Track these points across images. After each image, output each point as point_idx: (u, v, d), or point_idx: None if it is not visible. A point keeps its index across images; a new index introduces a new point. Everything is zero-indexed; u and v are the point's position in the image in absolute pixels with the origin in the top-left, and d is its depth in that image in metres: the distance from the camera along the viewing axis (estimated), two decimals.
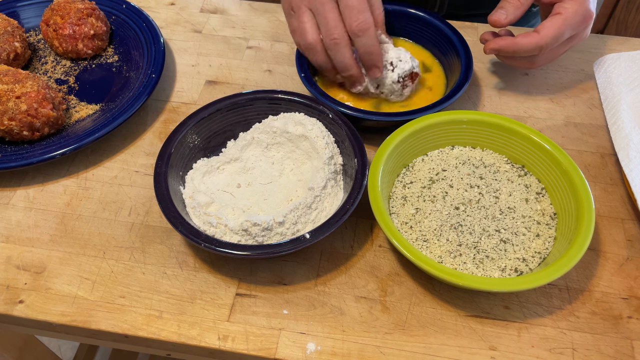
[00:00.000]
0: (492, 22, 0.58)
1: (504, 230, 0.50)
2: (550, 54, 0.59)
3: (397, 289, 0.49)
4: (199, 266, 0.51)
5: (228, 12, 0.76)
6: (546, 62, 0.60)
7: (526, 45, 0.56)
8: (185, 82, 0.67)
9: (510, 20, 0.58)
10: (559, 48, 0.58)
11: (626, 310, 0.48)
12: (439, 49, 0.64)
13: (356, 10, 0.53)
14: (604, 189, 0.56)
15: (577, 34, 0.58)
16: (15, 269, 0.51)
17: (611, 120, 0.59)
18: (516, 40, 0.57)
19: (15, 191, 0.57)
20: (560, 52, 0.59)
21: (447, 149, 0.56)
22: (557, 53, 0.59)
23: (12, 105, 0.55)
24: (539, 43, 0.56)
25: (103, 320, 0.47)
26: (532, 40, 0.56)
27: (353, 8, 0.53)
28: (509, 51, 0.58)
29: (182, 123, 0.55)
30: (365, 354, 0.46)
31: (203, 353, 0.47)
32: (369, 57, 0.56)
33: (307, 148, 0.54)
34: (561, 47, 0.58)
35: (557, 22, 0.55)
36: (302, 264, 0.51)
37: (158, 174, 0.51)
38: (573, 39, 0.58)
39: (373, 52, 0.55)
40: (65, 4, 0.65)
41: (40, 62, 0.68)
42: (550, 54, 0.59)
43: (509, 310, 0.48)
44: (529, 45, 0.56)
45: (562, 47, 0.59)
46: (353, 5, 0.53)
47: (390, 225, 0.46)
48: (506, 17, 0.58)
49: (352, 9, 0.53)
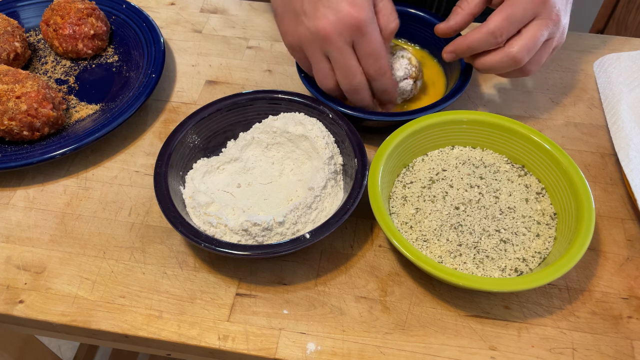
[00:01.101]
0: (435, 32, 0.58)
1: (504, 230, 0.50)
2: (535, 56, 0.54)
3: (397, 289, 0.49)
4: (199, 266, 0.51)
5: (228, 12, 0.76)
6: (537, 66, 0.55)
7: (477, 36, 0.53)
8: (185, 82, 0.67)
9: (451, 27, 0.56)
10: (531, 36, 0.52)
11: (626, 310, 0.48)
12: (439, 49, 0.64)
13: (374, 58, 0.52)
14: (604, 189, 0.56)
15: (539, 14, 0.52)
16: (15, 269, 0.51)
17: (611, 120, 0.59)
18: (466, 35, 0.54)
19: (15, 191, 0.57)
20: (539, 44, 0.53)
21: (447, 149, 0.56)
22: (541, 53, 0.55)
23: (12, 105, 0.55)
24: (489, 29, 0.52)
25: (103, 320, 0.47)
26: (481, 29, 0.53)
27: (371, 56, 0.51)
28: (463, 48, 0.55)
29: (182, 123, 0.55)
30: (365, 354, 0.46)
31: (203, 353, 0.47)
32: (385, 95, 0.56)
33: (307, 148, 0.54)
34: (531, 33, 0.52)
35: (503, 6, 0.52)
36: (302, 264, 0.51)
37: (158, 174, 0.51)
38: (540, 23, 0.52)
39: (389, 91, 0.55)
40: (65, 4, 0.65)
41: (40, 62, 0.68)
42: (535, 56, 0.54)
43: (509, 310, 0.48)
44: (479, 35, 0.53)
45: (532, 33, 0.52)
46: (371, 53, 0.51)
47: (390, 225, 0.46)
48: (446, 24, 0.56)
49: (370, 57, 0.51)
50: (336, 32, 0.49)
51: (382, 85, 0.54)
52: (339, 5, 0.49)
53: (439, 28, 0.57)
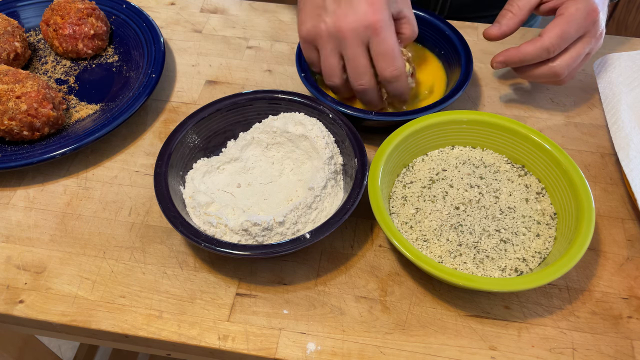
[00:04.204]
0: (485, 36, 0.58)
1: (504, 230, 0.50)
2: (573, 67, 0.57)
3: (397, 289, 0.49)
4: (199, 266, 0.51)
5: (228, 12, 0.76)
6: (572, 77, 0.59)
7: (531, 51, 0.55)
8: (185, 82, 0.67)
9: (504, 32, 0.57)
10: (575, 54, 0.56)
11: (626, 310, 0.48)
12: (439, 48, 0.64)
13: (390, 58, 0.51)
14: (604, 189, 0.56)
15: (587, 32, 0.55)
16: (15, 268, 0.51)
17: (611, 120, 0.59)
18: (520, 47, 0.56)
19: (15, 191, 0.57)
20: (580, 59, 0.57)
21: (447, 148, 0.56)
22: (579, 66, 0.57)
23: (12, 105, 0.55)
24: (544, 45, 0.54)
25: (103, 320, 0.47)
26: (536, 44, 0.55)
27: (387, 56, 0.51)
28: (515, 60, 0.56)
29: (182, 123, 0.55)
30: (365, 354, 0.46)
31: (203, 353, 0.47)
32: (399, 97, 0.56)
33: (307, 148, 0.54)
34: (576, 51, 0.56)
35: (559, 22, 0.54)
36: (302, 264, 0.51)
37: (158, 173, 0.51)
38: (586, 41, 0.56)
39: (403, 93, 0.55)
40: (65, 3, 0.65)
41: (40, 62, 0.68)
42: (573, 67, 0.57)
43: (509, 310, 0.48)
44: (534, 50, 0.55)
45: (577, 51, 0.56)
46: (387, 53, 0.51)
47: (391, 225, 0.46)
48: (499, 29, 0.57)
49: (386, 57, 0.51)
50: (353, 30, 0.50)
51: (397, 87, 0.54)
52: (359, 4, 0.50)
53: (490, 33, 0.58)
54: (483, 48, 0.70)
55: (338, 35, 0.51)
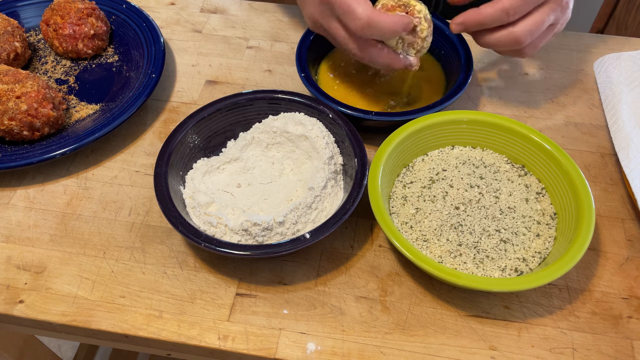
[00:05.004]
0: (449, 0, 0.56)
1: (504, 230, 0.50)
2: (535, 39, 0.54)
3: (397, 289, 0.49)
4: (199, 266, 0.51)
5: (228, 12, 0.76)
6: (535, 49, 0.55)
7: (490, 12, 0.52)
8: (185, 82, 0.67)
9: None
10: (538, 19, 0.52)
11: (626, 310, 0.48)
12: (439, 48, 0.64)
13: (348, 14, 0.50)
14: (604, 189, 0.56)
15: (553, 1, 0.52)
16: (15, 268, 0.51)
17: (611, 120, 0.59)
18: (479, 9, 0.53)
19: (15, 191, 0.57)
20: (544, 27, 0.53)
21: (447, 148, 0.56)
22: (542, 36, 0.55)
23: (12, 105, 0.55)
24: (504, 6, 0.51)
25: (103, 320, 0.47)
26: (495, 6, 0.52)
27: (345, 15, 0.50)
28: (473, 22, 0.54)
29: (182, 123, 0.55)
30: (365, 353, 0.46)
31: (203, 353, 0.47)
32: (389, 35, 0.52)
33: (307, 148, 0.54)
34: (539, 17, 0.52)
35: None
36: (302, 264, 0.51)
37: (158, 173, 0.51)
38: (550, 7, 0.52)
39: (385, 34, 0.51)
40: (65, 3, 0.65)
41: (40, 62, 0.68)
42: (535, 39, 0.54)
43: (509, 310, 0.48)
44: (493, 11, 0.52)
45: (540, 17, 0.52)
46: (343, 12, 0.50)
47: (390, 225, 0.46)
48: None
49: (345, 16, 0.50)
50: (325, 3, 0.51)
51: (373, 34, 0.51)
52: None
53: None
54: (483, 48, 0.70)
55: (324, 1, 0.52)
